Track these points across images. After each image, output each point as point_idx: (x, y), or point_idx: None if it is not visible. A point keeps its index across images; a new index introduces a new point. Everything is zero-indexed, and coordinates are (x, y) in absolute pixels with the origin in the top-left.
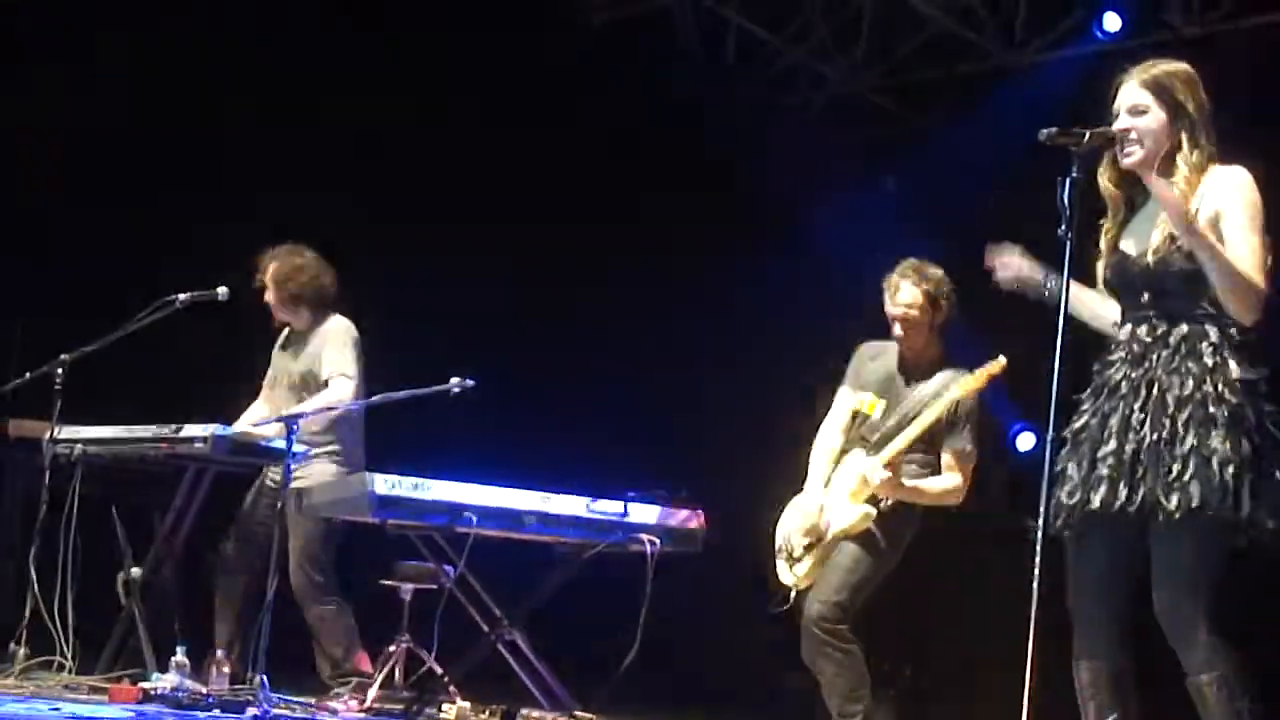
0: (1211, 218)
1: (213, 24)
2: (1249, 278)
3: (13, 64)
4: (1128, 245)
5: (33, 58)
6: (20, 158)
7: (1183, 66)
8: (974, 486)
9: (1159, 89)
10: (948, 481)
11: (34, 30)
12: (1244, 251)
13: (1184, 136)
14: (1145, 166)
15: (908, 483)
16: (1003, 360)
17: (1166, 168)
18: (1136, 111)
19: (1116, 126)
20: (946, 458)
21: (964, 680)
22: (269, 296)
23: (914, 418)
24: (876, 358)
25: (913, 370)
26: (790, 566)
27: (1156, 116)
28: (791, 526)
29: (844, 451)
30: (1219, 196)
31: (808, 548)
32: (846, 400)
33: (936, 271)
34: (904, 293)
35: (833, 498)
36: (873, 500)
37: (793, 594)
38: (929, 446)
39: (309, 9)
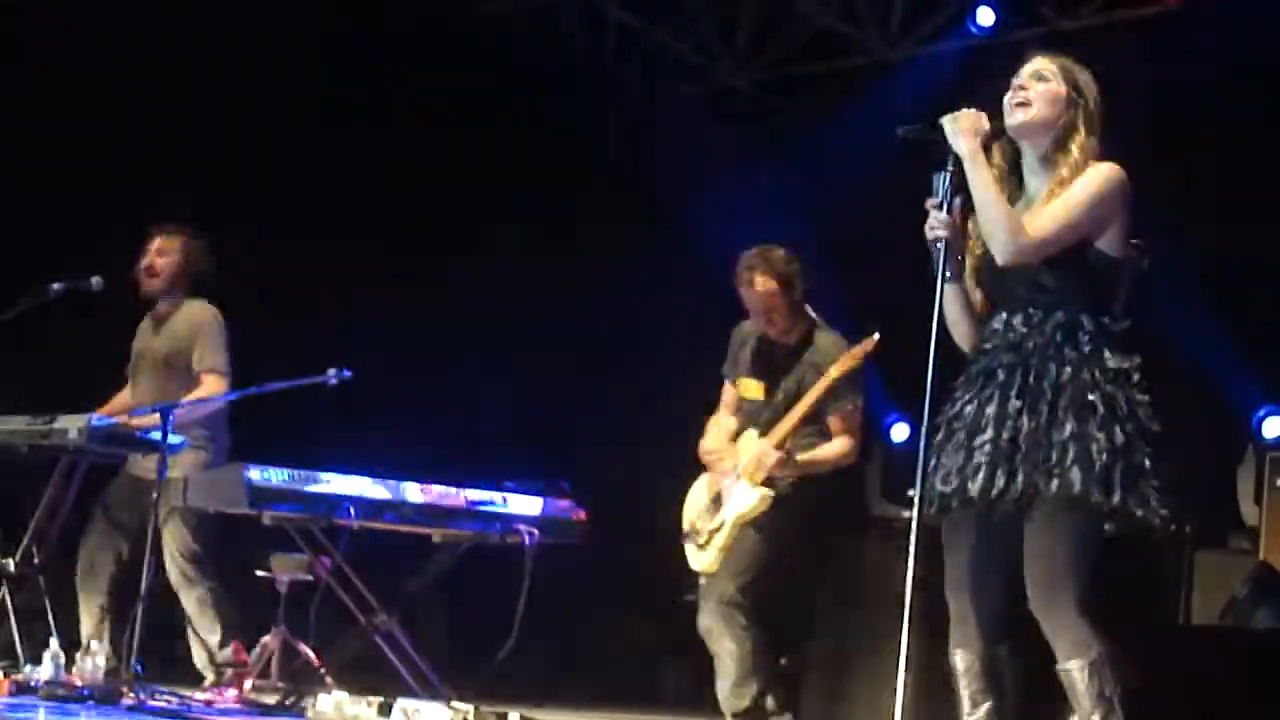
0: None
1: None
2: (1005, 221)
3: None
4: None
5: None
6: None
7: (1088, 72)
8: (849, 476)
9: (1064, 69)
10: (838, 445)
11: None
12: (1052, 206)
13: (1080, 121)
14: (1031, 131)
15: (801, 457)
16: (875, 337)
17: (1061, 147)
18: (1038, 77)
19: (1013, 84)
20: (832, 421)
21: (839, 670)
22: (162, 260)
23: (797, 397)
24: (748, 341)
25: (785, 347)
26: (698, 551)
27: (1056, 87)
28: (696, 510)
29: (738, 435)
30: (1081, 179)
31: (713, 532)
32: (729, 388)
33: (779, 253)
34: (757, 284)
35: (731, 482)
36: (769, 482)
37: (701, 580)
38: (815, 419)
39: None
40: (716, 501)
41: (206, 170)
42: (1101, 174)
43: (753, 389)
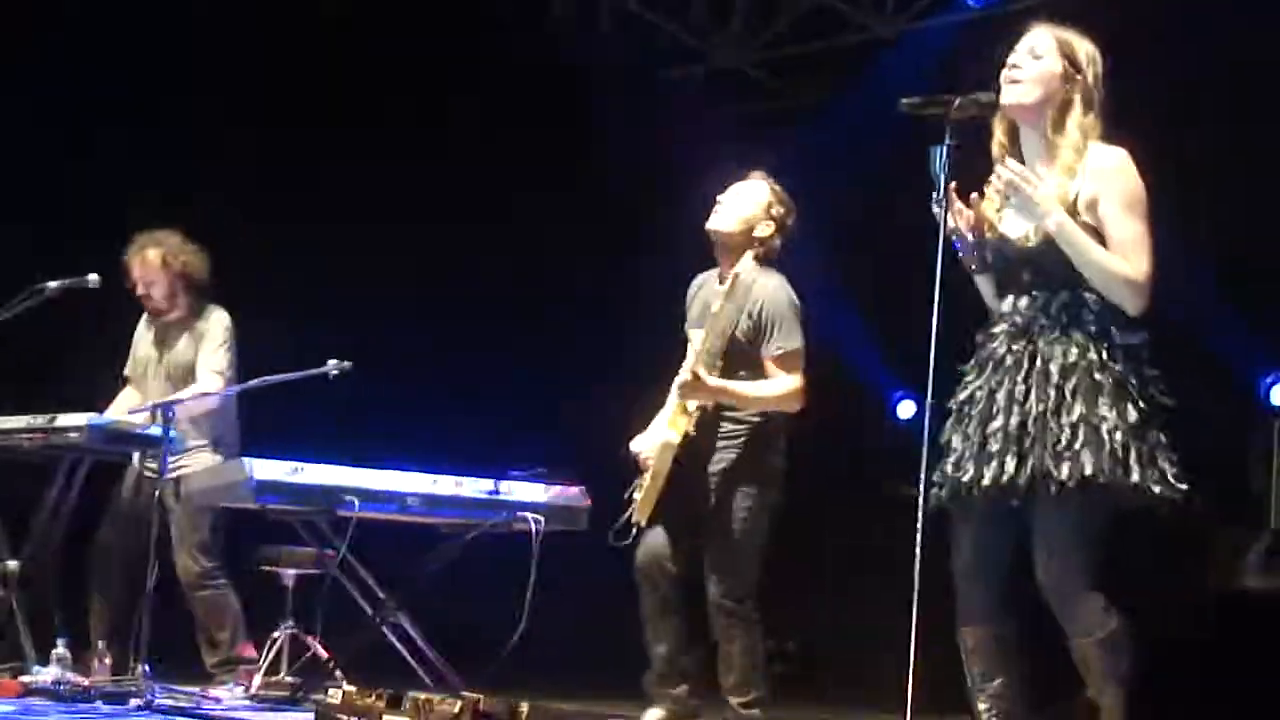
0: (1090, 200)
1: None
2: (1121, 274)
3: None
4: (1009, 223)
5: None
6: None
7: (1090, 43)
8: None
9: (1062, 43)
10: (774, 385)
11: None
12: (1124, 238)
13: (1077, 98)
14: (1023, 111)
15: (713, 381)
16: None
17: (1058, 126)
18: (1034, 54)
19: (1008, 62)
20: (767, 365)
21: (850, 649)
22: (151, 286)
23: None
24: (699, 289)
25: (725, 283)
26: (637, 501)
27: (1051, 65)
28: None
29: None
30: (1098, 179)
31: (640, 484)
32: (689, 343)
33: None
34: (748, 185)
35: (658, 429)
36: (682, 431)
37: (633, 530)
38: (749, 362)
39: None
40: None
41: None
42: (1128, 175)
43: (700, 339)
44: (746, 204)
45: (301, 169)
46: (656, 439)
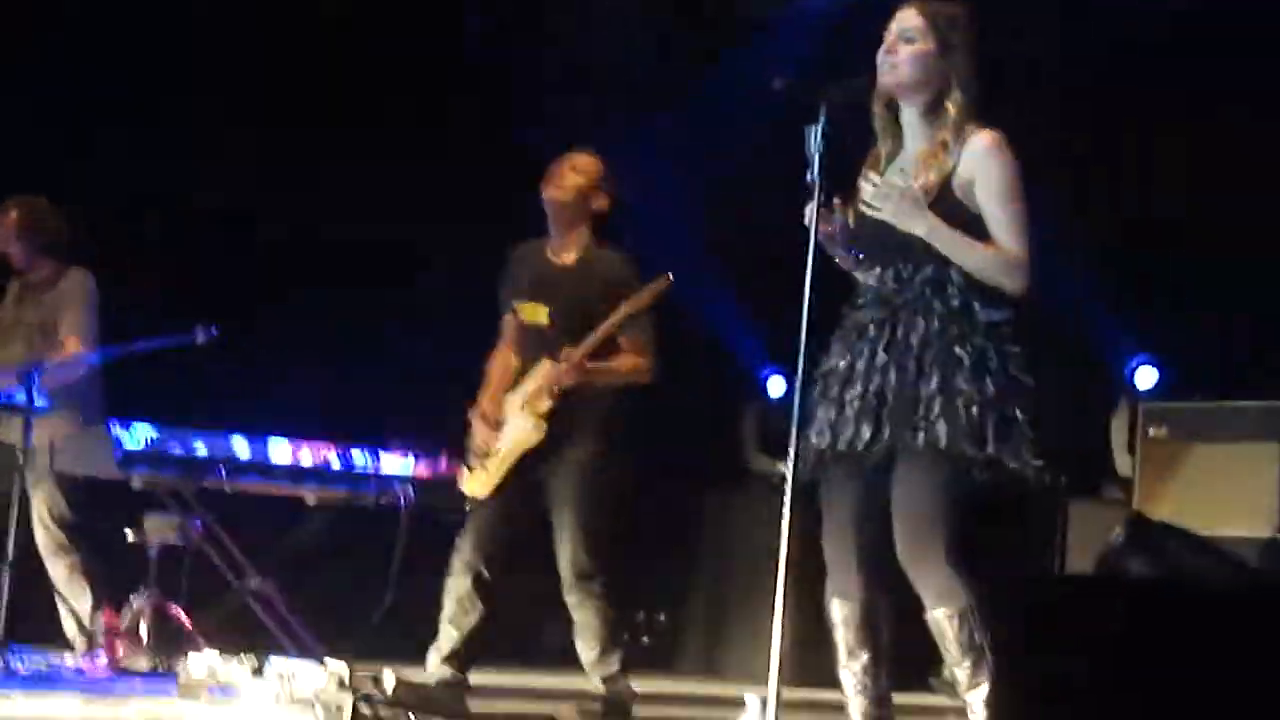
0: (965, 181)
1: None
2: (999, 263)
3: None
4: None
5: None
6: None
7: (962, 8)
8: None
9: (932, 20)
10: (631, 359)
11: None
12: (1001, 222)
13: (953, 76)
14: (904, 93)
15: (592, 364)
16: (669, 277)
17: (935, 105)
18: (906, 37)
19: (882, 48)
20: (623, 342)
21: (719, 622)
22: (10, 246)
23: (585, 318)
24: (525, 260)
25: (563, 267)
26: (468, 474)
27: (924, 46)
28: (481, 433)
29: (524, 372)
30: (973, 162)
31: (485, 459)
32: (508, 318)
33: (595, 161)
34: (581, 158)
35: (511, 411)
36: (543, 415)
37: (466, 505)
38: (609, 342)
39: None
40: (499, 427)
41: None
42: (1004, 158)
43: (536, 313)
44: (582, 175)
45: (174, 115)
46: (514, 418)
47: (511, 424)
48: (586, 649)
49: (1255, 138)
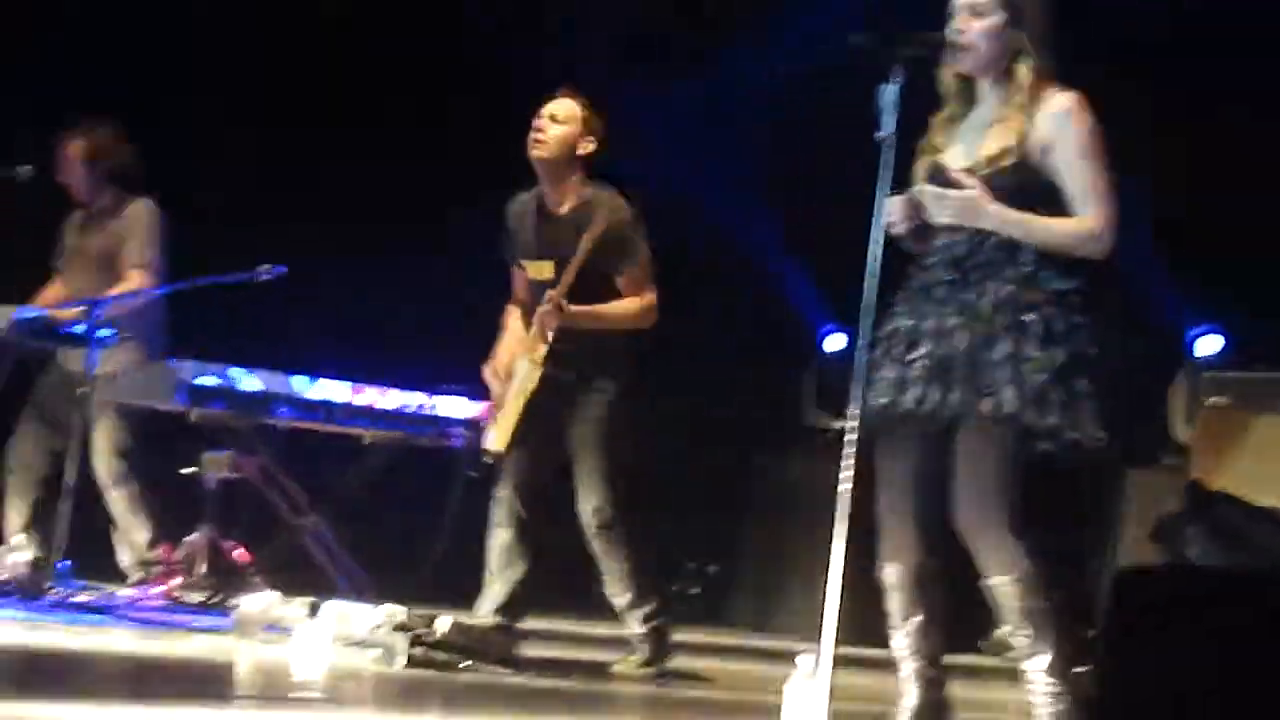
0: (1043, 145)
1: None
2: (1075, 234)
3: None
4: (952, 155)
5: None
6: None
7: None
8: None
9: None
10: (629, 305)
11: None
12: (1079, 186)
13: (1024, 43)
14: (979, 69)
15: (576, 307)
16: (625, 208)
17: (1009, 73)
18: (975, 11)
19: (952, 26)
20: (621, 283)
21: (772, 580)
22: (74, 175)
23: (597, 272)
24: (523, 217)
25: (562, 217)
26: (490, 429)
27: (995, 18)
28: (491, 389)
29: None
30: (1050, 125)
31: (498, 410)
32: (516, 273)
33: (574, 104)
34: (560, 105)
35: (517, 362)
36: (538, 360)
37: (486, 458)
38: (602, 285)
39: None
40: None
41: (144, 59)
42: (1081, 120)
43: (541, 269)
44: (565, 125)
45: (240, 61)
46: (516, 367)
47: (515, 374)
48: (617, 595)
49: None
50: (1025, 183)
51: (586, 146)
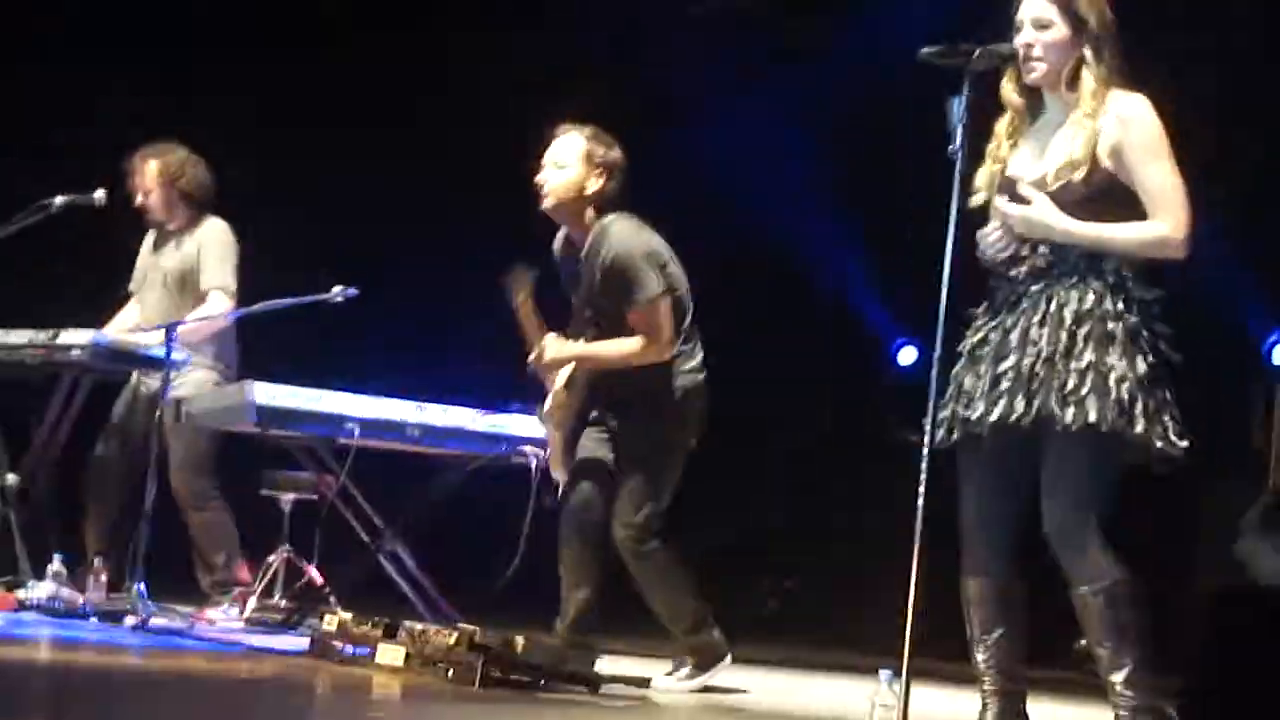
0: (1113, 148)
1: None
2: (1150, 240)
3: None
4: (1021, 164)
5: None
6: None
7: None
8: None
9: (1064, 2)
10: (628, 344)
11: None
12: (1153, 187)
13: (1088, 51)
14: (1049, 83)
15: (575, 349)
16: (526, 277)
17: (1075, 80)
18: (1040, 25)
19: (1020, 41)
20: (630, 318)
21: (848, 594)
22: (149, 195)
23: (608, 311)
24: (559, 254)
25: (579, 248)
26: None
27: (1060, 31)
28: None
29: None
30: (1120, 127)
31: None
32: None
33: (575, 141)
34: (561, 147)
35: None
36: (560, 388)
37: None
38: (618, 318)
39: None
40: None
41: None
42: (1150, 121)
43: (578, 303)
44: (567, 170)
45: (316, 77)
46: (552, 398)
47: (553, 403)
48: (656, 609)
49: None
50: (1099, 188)
51: (595, 184)
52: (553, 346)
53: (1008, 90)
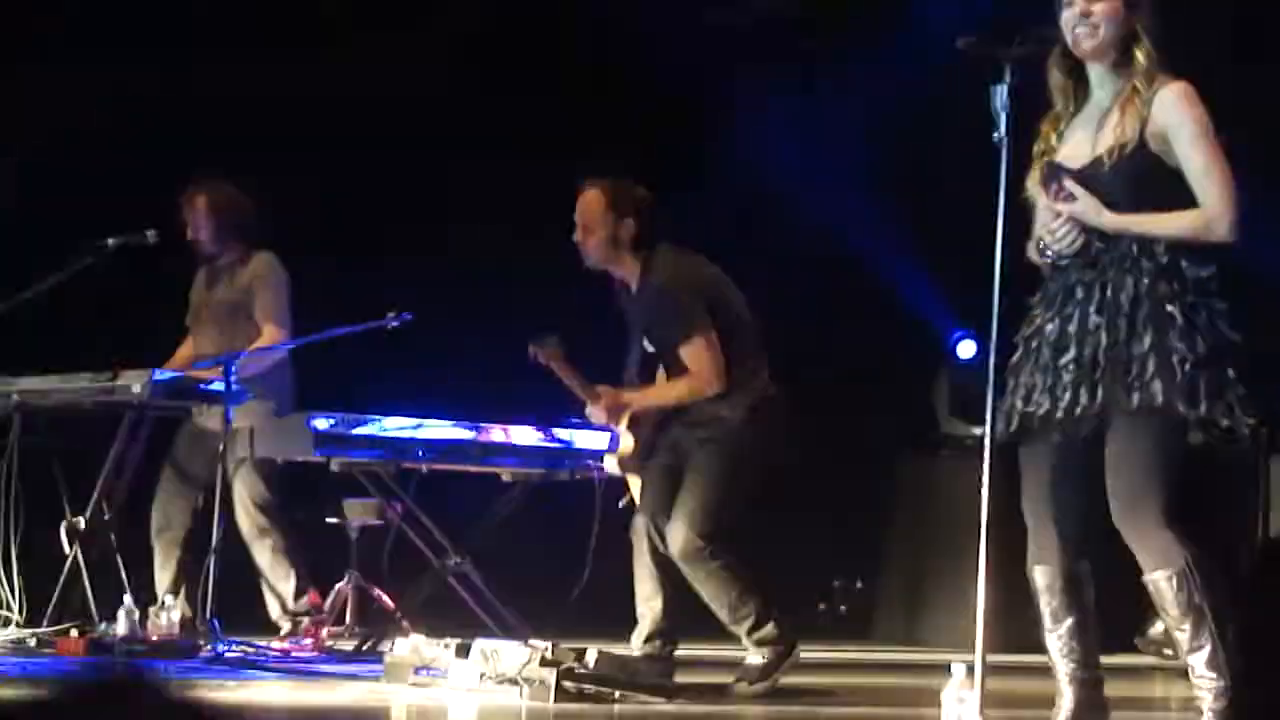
0: (1159, 132)
1: None
2: (1199, 224)
3: None
4: (1069, 150)
5: None
6: None
7: None
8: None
9: None
10: (677, 386)
11: None
12: (1199, 172)
13: (1140, 27)
14: (1101, 54)
15: (629, 397)
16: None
17: (1125, 58)
18: None
19: (1075, 10)
20: (682, 353)
21: (917, 590)
22: (200, 229)
23: (666, 346)
24: (619, 296)
25: (632, 289)
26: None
27: (1114, 3)
28: None
29: None
30: (1166, 112)
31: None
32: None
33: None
34: (584, 208)
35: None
36: (630, 424)
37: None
38: (676, 361)
39: None
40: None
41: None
42: (1195, 107)
43: (646, 342)
44: (596, 228)
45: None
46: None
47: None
48: (719, 615)
49: None
50: (1148, 170)
51: (626, 231)
52: (607, 397)
53: (1054, 74)
